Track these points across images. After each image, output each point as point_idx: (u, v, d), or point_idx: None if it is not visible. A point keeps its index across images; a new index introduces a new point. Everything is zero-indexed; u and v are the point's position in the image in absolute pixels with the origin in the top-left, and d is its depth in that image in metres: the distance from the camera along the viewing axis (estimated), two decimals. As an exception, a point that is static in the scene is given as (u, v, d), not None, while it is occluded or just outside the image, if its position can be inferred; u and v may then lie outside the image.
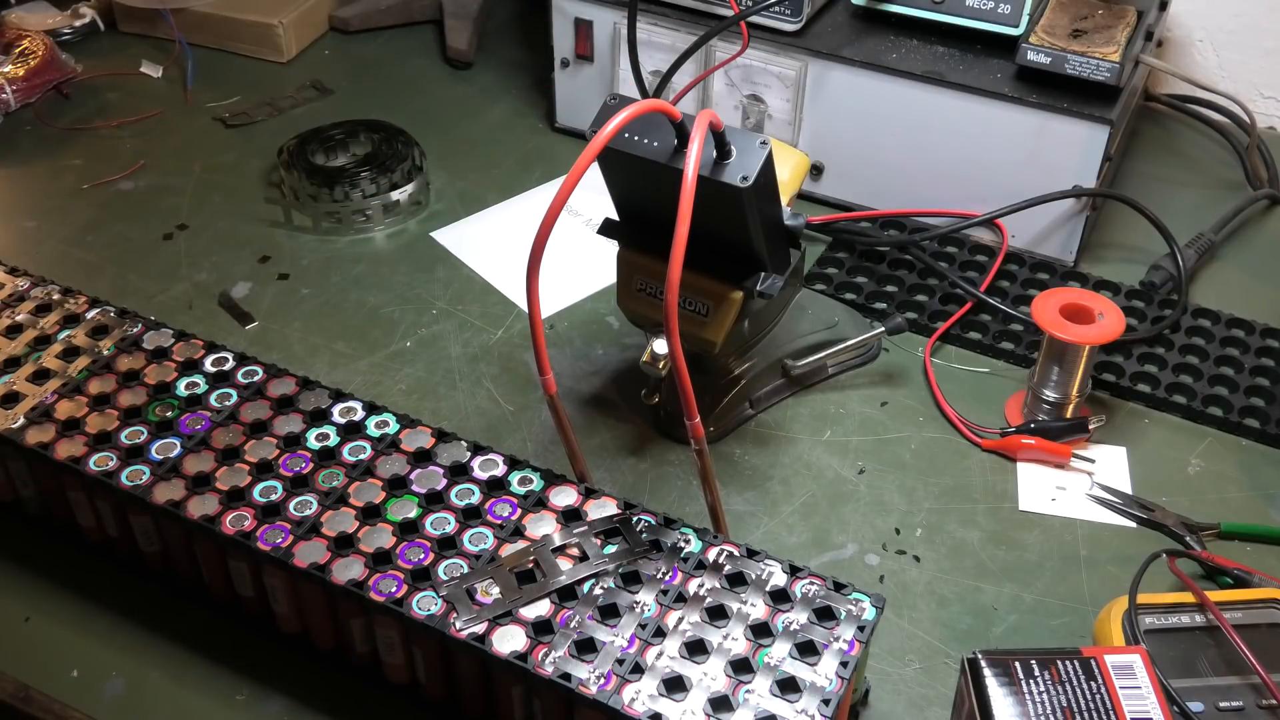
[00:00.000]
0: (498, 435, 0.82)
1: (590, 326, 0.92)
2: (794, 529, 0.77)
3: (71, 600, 0.72)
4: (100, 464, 0.68)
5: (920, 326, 0.91)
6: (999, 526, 0.77)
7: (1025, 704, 0.57)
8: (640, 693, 0.57)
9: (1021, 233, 0.97)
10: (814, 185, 1.03)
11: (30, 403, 0.71)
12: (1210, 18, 1.16)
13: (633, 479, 0.80)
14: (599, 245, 0.79)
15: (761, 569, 0.62)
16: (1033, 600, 0.73)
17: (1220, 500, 0.79)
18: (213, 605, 0.71)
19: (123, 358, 0.74)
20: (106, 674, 0.68)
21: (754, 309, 0.77)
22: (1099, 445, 0.82)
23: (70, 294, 0.79)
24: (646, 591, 0.61)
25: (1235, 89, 1.15)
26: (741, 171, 0.65)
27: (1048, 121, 0.92)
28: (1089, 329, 0.79)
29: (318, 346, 0.90)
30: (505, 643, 0.59)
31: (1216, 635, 0.65)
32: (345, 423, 0.70)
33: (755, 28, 0.99)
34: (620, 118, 0.60)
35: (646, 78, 1.03)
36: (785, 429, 0.84)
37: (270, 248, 0.99)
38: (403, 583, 0.62)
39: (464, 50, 1.22)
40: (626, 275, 0.77)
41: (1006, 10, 0.95)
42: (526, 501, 0.66)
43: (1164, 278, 0.95)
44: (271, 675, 0.68)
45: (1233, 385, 0.86)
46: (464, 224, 1.02)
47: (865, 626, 0.60)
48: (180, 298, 0.94)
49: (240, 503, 0.66)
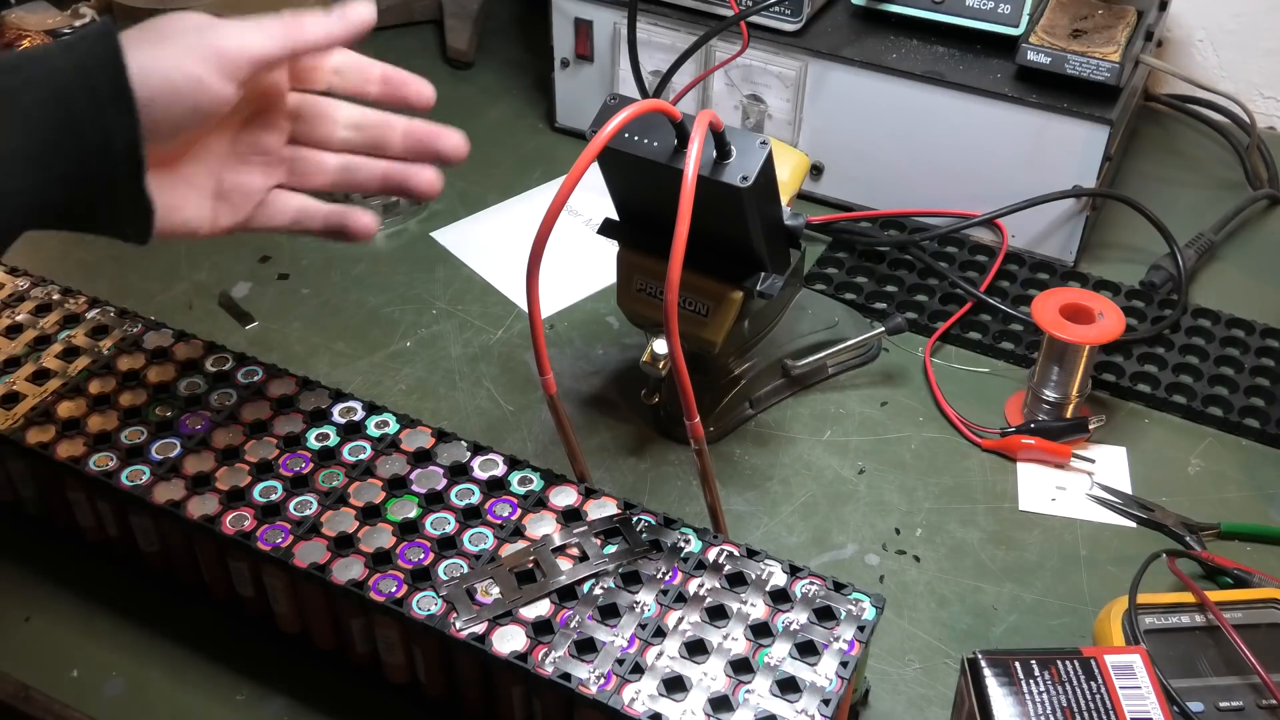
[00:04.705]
0: (498, 435, 0.82)
1: (590, 326, 0.92)
2: (794, 529, 0.77)
3: (71, 600, 0.72)
4: (100, 464, 0.68)
5: (920, 326, 0.91)
6: (999, 526, 0.77)
7: (1025, 704, 0.57)
8: (640, 693, 0.57)
9: (1021, 233, 0.97)
10: (814, 185, 1.03)
11: (30, 403, 0.71)
12: (1210, 18, 1.16)
13: (633, 479, 0.80)
14: (599, 245, 0.79)
15: (761, 569, 0.62)
16: (1033, 600, 0.73)
17: (1220, 500, 0.79)
18: (213, 605, 0.71)
19: (123, 358, 0.74)
20: (106, 674, 0.68)
21: (754, 309, 0.77)
22: (1099, 445, 0.82)
23: (70, 294, 0.79)
24: (646, 591, 0.61)
25: (1235, 89, 1.15)
26: (741, 171, 0.65)
27: (1048, 121, 0.92)
28: (1089, 329, 0.79)
29: (318, 346, 0.90)
30: (505, 643, 0.59)
31: (1216, 635, 0.65)
32: (345, 423, 0.70)
33: (755, 28, 0.99)
34: (620, 118, 0.60)
35: (646, 78, 1.03)
36: (785, 429, 0.84)
37: (270, 248, 0.99)
38: (403, 583, 0.62)
39: (464, 50, 1.22)
40: (626, 275, 0.77)
41: (1006, 10, 0.95)
42: (526, 501, 0.66)
43: (1164, 278, 0.95)
44: (271, 675, 0.68)
45: (1233, 385, 0.86)
46: (464, 224, 1.02)
47: (865, 626, 0.60)
48: (180, 298, 0.94)
49: (240, 503, 0.66)
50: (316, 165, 0.65)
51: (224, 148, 0.61)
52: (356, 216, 0.65)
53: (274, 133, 0.63)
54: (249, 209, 0.62)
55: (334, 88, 0.64)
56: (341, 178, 0.65)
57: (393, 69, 0.65)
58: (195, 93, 0.56)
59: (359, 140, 0.65)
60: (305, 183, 0.65)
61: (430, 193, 0.66)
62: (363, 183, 0.66)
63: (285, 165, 0.64)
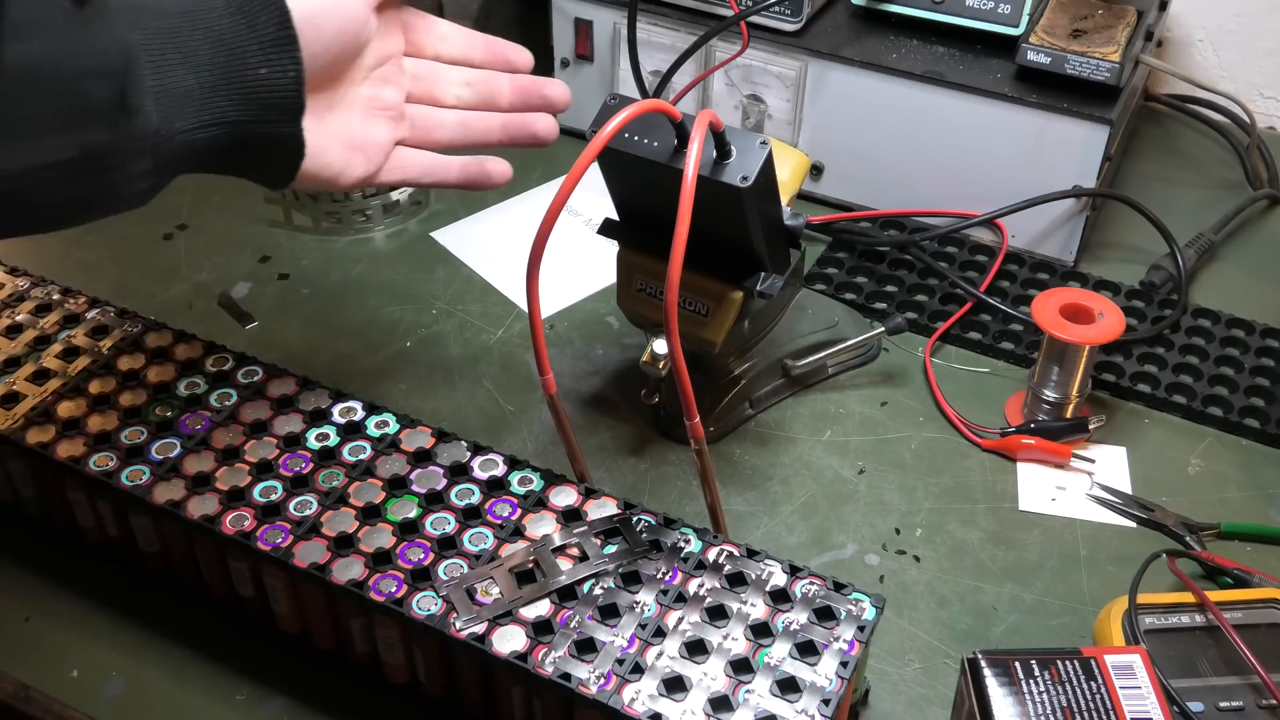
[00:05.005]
0: (498, 435, 0.82)
1: (590, 326, 0.92)
2: (794, 529, 0.77)
3: (71, 600, 0.72)
4: (100, 464, 0.68)
5: (920, 326, 0.91)
6: (999, 526, 0.77)
7: (1025, 704, 0.57)
8: (640, 693, 0.57)
9: (1021, 233, 0.97)
10: (814, 185, 1.03)
11: (30, 403, 0.71)
12: (1210, 18, 1.16)
13: (633, 479, 0.80)
14: (599, 245, 0.79)
15: (761, 569, 0.62)
16: (1033, 600, 0.73)
17: (1220, 500, 0.79)
18: (213, 605, 0.71)
19: (123, 358, 0.74)
20: (106, 674, 0.68)
21: (754, 309, 0.77)
22: (1099, 445, 0.82)
23: (70, 294, 0.79)
24: (646, 591, 0.61)
25: (1235, 89, 1.15)
26: (741, 171, 0.65)
27: (1048, 121, 0.92)
28: (1089, 329, 0.79)
29: (318, 346, 0.90)
30: (505, 643, 0.59)
31: (1216, 635, 0.65)
32: (345, 423, 0.70)
33: (755, 28, 0.99)
34: (620, 118, 0.60)
35: (646, 78, 1.03)
36: (785, 429, 0.84)
37: (270, 248, 0.99)
38: (403, 583, 0.62)
39: (464, 50, 1.22)
40: (626, 275, 0.77)
41: (1006, 10, 0.95)
42: (526, 501, 0.66)
43: (1164, 278, 0.95)
44: (271, 675, 0.68)
45: (1233, 385, 0.86)
46: (464, 224, 1.02)
47: (865, 626, 0.60)
48: (180, 298, 0.94)
49: (240, 503, 0.66)
50: (436, 121, 0.69)
51: (355, 98, 0.65)
52: (495, 164, 0.70)
53: (393, 88, 0.67)
54: (380, 160, 0.66)
55: (441, 55, 0.69)
56: (461, 133, 0.70)
57: (492, 37, 0.71)
58: (339, 10, 0.61)
59: (471, 96, 0.70)
60: (428, 138, 0.69)
61: (550, 137, 0.71)
62: (483, 135, 0.70)
63: (407, 122, 0.68)
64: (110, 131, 0.52)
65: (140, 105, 0.53)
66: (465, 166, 0.70)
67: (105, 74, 0.52)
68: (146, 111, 0.53)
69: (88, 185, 0.53)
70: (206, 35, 0.55)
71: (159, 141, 0.54)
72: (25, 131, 0.50)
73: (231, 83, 0.56)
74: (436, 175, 0.69)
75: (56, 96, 0.51)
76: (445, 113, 0.69)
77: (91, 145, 0.52)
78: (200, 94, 0.55)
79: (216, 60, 0.55)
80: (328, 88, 0.63)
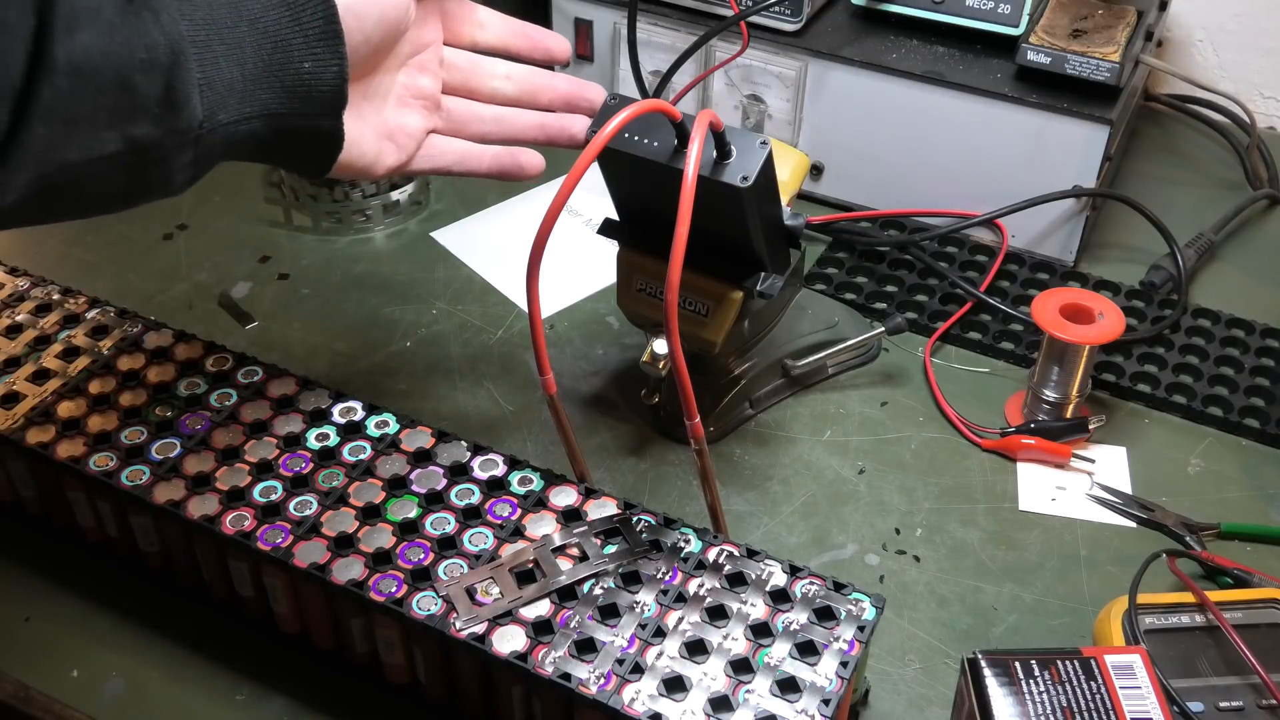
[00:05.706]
0: (498, 435, 0.82)
1: (590, 326, 0.92)
2: (794, 529, 0.77)
3: (71, 600, 0.72)
4: (100, 464, 0.68)
5: (920, 326, 0.91)
6: (999, 526, 0.77)
7: (1025, 704, 0.57)
8: (640, 693, 0.57)
9: (1021, 233, 0.97)
10: (814, 185, 1.03)
11: (30, 403, 0.71)
12: (1210, 18, 1.16)
13: (633, 479, 0.80)
14: (599, 245, 0.79)
15: (761, 569, 0.62)
16: (1033, 600, 0.73)
17: (1220, 500, 0.79)
18: (213, 605, 0.71)
19: (123, 358, 0.74)
20: (106, 674, 0.68)
21: (754, 309, 0.77)
22: (1099, 445, 0.82)
23: (70, 294, 0.79)
24: (646, 591, 0.61)
25: (1235, 89, 1.15)
26: (741, 171, 0.65)
27: (1048, 121, 0.92)
28: (1089, 329, 0.79)
29: (318, 346, 0.90)
30: (505, 643, 0.59)
31: (1216, 635, 0.65)
32: (345, 423, 0.70)
33: (755, 28, 0.99)
34: (620, 118, 0.60)
35: (646, 78, 1.03)
36: (785, 429, 0.84)
37: (270, 248, 0.99)
38: (403, 583, 0.62)
39: (464, 50, 1.22)
40: (626, 275, 0.77)
41: (1006, 10, 0.95)
42: (526, 501, 0.66)
43: (1164, 278, 0.95)
44: (271, 675, 0.68)
45: (1233, 385, 0.86)
46: (464, 224, 1.02)
47: (865, 626, 0.60)
48: (180, 298, 0.94)
49: (240, 503, 0.66)
50: (473, 114, 0.69)
51: (390, 87, 0.65)
52: (527, 155, 0.70)
53: (429, 76, 0.67)
54: (412, 149, 0.66)
55: (479, 43, 0.69)
56: (496, 128, 0.69)
57: (531, 25, 0.69)
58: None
59: (510, 90, 0.70)
60: (463, 130, 0.69)
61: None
62: (520, 132, 0.70)
63: (443, 112, 0.68)
64: (156, 125, 0.52)
65: (187, 99, 0.52)
66: (498, 156, 0.69)
67: (153, 68, 0.51)
68: (192, 105, 0.53)
69: (134, 177, 0.53)
70: (251, 27, 0.55)
71: (202, 134, 0.54)
72: (75, 125, 0.50)
73: (275, 76, 0.55)
74: (469, 165, 0.69)
75: (106, 90, 0.50)
76: (483, 107, 0.69)
77: (138, 139, 0.52)
78: (244, 86, 0.55)
79: (261, 53, 0.55)
80: (364, 76, 0.63)
